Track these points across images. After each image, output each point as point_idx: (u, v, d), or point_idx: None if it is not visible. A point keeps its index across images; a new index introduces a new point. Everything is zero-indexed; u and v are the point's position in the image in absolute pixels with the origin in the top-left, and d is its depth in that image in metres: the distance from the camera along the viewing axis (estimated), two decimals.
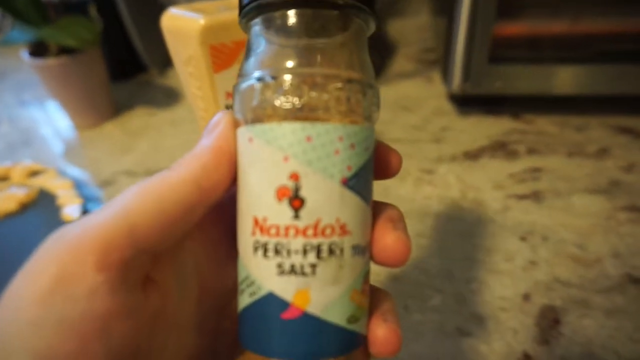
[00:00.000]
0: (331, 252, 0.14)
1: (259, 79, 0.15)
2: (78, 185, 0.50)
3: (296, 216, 0.14)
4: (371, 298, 0.16)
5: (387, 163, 0.17)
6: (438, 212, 0.44)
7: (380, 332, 0.15)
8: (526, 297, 0.35)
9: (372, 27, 0.16)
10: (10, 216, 0.47)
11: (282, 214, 0.14)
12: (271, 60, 0.15)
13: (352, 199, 0.14)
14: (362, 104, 0.15)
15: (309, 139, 0.14)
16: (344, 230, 0.14)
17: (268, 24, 0.15)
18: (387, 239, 0.15)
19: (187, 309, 0.16)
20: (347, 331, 0.15)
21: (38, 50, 0.58)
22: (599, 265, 0.37)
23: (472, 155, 0.51)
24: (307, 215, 0.14)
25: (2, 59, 0.91)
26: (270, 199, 0.14)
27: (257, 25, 0.15)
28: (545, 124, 0.55)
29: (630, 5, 0.49)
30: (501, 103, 0.58)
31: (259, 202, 0.14)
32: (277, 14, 0.15)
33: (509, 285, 0.36)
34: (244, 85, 0.15)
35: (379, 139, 0.17)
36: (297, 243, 0.14)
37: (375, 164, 0.16)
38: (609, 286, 0.35)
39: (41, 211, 0.47)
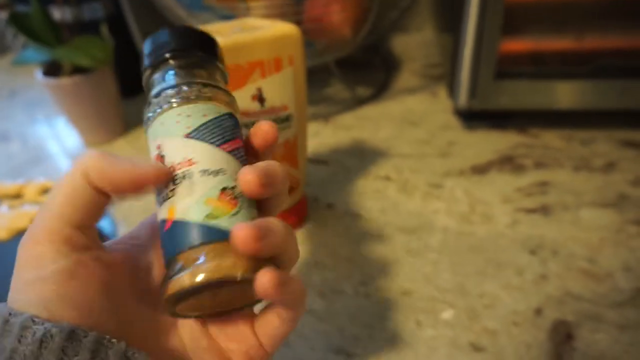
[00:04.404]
0: (183, 177, 0.20)
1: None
2: None
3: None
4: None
5: (264, 132, 0.23)
6: (447, 227, 0.44)
7: (238, 227, 0.19)
8: (538, 311, 0.35)
9: (213, 61, 0.24)
10: (23, 233, 0.47)
11: None
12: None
13: (195, 143, 0.21)
14: (193, 92, 0.22)
15: (162, 124, 0.21)
16: (190, 162, 0.21)
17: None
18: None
19: (127, 281, 0.22)
20: (206, 225, 0.20)
21: (51, 69, 0.59)
22: (610, 279, 0.37)
23: (480, 170, 0.51)
24: (167, 164, 0.21)
25: (13, 77, 0.93)
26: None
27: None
28: (551, 138, 0.56)
29: (634, 21, 0.50)
30: (507, 118, 0.58)
31: None
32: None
33: (520, 299, 0.36)
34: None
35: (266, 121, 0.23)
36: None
37: (254, 133, 0.23)
38: (621, 300, 0.35)
39: None
